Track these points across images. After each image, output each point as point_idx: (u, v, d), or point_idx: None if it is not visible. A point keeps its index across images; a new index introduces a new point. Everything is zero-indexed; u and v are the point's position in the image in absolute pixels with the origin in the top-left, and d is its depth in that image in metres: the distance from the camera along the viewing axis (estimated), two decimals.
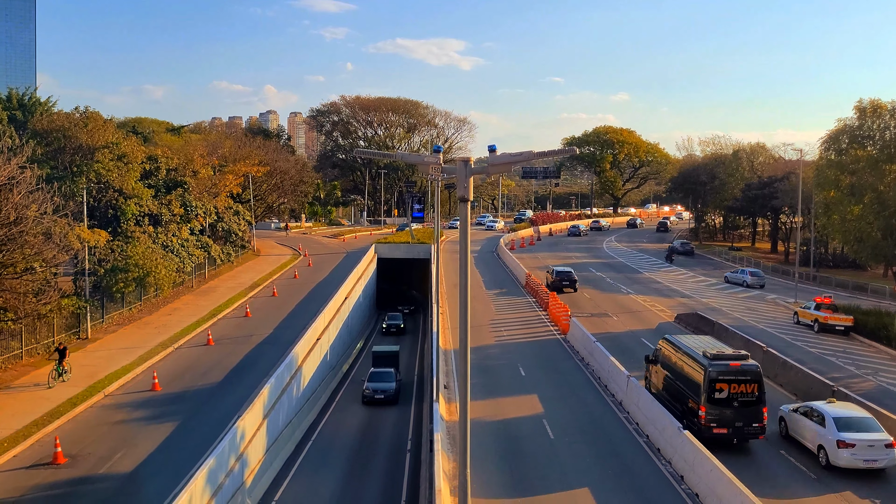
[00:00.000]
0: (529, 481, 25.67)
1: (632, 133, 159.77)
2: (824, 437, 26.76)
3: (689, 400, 29.19)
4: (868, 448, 25.88)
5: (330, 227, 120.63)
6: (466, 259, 11.38)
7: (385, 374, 40.40)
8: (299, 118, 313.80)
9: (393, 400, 39.06)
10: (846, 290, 66.03)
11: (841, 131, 67.93)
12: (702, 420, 27.94)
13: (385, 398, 38.78)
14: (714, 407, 27.83)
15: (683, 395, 29.86)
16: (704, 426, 27.83)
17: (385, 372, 40.61)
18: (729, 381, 27.88)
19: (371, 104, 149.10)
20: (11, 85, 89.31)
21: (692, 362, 29.46)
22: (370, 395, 38.72)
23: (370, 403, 38.60)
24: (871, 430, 26.56)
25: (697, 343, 31.38)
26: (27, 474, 26.25)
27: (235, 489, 24.03)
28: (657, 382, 33.34)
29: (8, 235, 33.17)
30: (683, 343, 31.52)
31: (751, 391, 27.96)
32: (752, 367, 28.38)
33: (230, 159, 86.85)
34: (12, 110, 77.01)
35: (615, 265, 79.59)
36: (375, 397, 38.69)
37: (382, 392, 38.81)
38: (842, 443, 26.02)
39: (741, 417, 27.81)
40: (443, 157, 11.85)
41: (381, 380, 39.65)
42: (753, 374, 28.14)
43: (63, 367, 35.75)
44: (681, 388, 30.27)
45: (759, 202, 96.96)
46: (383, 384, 39.23)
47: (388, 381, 39.67)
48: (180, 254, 58.84)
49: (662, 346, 33.29)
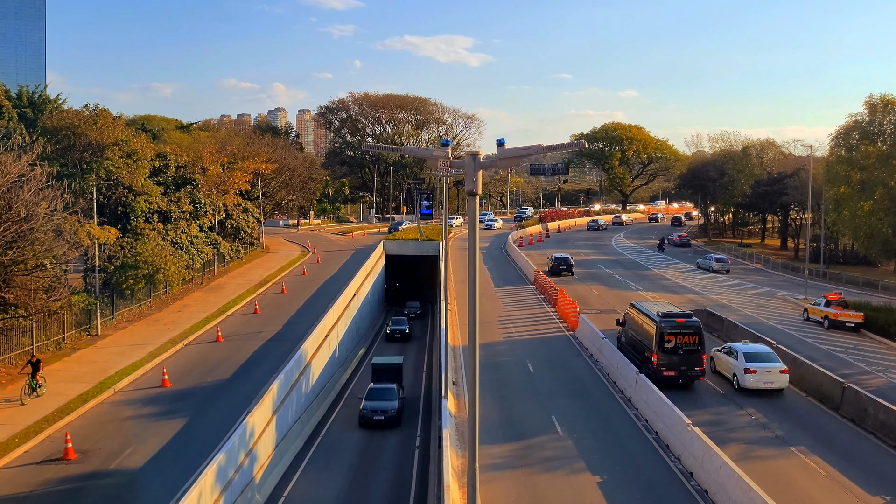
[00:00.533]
0: (536, 471, 25.67)
1: (640, 129, 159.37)
2: (736, 366, 35.19)
3: (646, 350, 35.94)
4: (767, 373, 34.45)
5: (338, 224, 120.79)
6: (475, 252, 11.38)
7: (385, 391, 35.58)
8: (308, 115, 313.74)
9: (394, 421, 34.28)
10: (856, 286, 65.71)
11: (851, 127, 67.61)
12: (654, 365, 34.68)
13: (385, 420, 34.04)
14: (664, 355, 34.62)
15: (643, 347, 36.58)
16: (656, 370, 34.52)
17: (385, 389, 35.77)
18: (675, 334, 34.70)
19: (379, 101, 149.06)
20: (21, 83, 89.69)
21: (648, 320, 36.42)
22: (368, 416, 34.02)
23: (368, 425, 33.92)
24: (771, 360, 35.10)
25: (654, 306, 38.35)
26: (38, 470, 26.39)
27: (245, 485, 24.11)
28: (625, 340, 39.80)
29: (18, 232, 33.32)
30: (643, 306, 38.45)
31: (693, 342, 34.74)
32: (694, 323, 35.27)
33: (239, 156, 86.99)
34: (22, 108, 77.34)
35: (624, 262, 79.40)
36: (374, 419, 33.92)
37: (382, 412, 34.09)
38: (748, 370, 34.44)
39: (685, 363, 34.62)
40: (451, 153, 11.87)
41: (381, 397, 35.02)
42: (695, 328, 34.95)
43: (37, 380, 32.92)
44: (641, 342, 37.05)
45: (768, 198, 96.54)
46: (383, 403, 34.61)
47: (389, 398, 35.02)
48: (189, 251, 59.02)
49: (629, 311, 39.80)
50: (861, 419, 30.98)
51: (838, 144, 69.53)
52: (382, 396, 35.13)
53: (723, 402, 33.75)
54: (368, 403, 34.67)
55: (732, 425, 30.86)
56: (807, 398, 34.43)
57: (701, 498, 24.02)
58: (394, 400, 35.05)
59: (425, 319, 64.24)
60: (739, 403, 33.37)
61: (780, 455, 27.84)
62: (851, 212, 66.36)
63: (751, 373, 34.36)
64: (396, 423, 34.31)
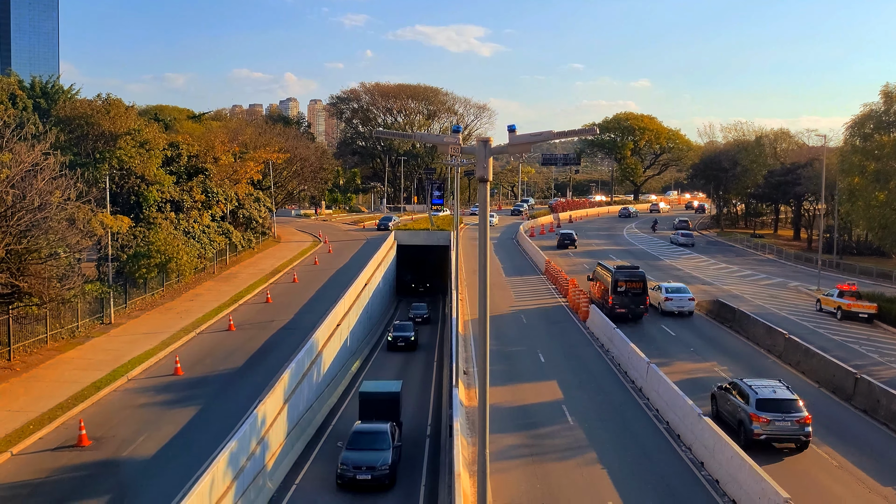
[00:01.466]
0: (546, 460, 25.71)
1: (653, 119, 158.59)
2: (661, 298, 49.04)
3: (606, 294, 46.87)
4: (680, 300, 48.62)
5: (350, 214, 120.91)
6: (486, 240, 11.37)
7: (375, 436, 26.90)
8: (319, 105, 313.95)
9: (386, 481, 25.60)
10: (870, 277, 65.29)
11: (867, 117, 66.91)
12: (610, 304, 45.76)
13: (373, 479, 25.24)
14: (617, 297, 45.84)
15: (605, 293, 47.34)
16: (612, 307, 45.52)
17: (375, 433, 27.08)
18: (625, 281, 45.93)
19: (391, 91, 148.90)
20: (35, 73, 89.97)
21: (607, 273, 47.67)
22: (349, 475, 25.28)
23: (350, 487, 25.38)
24: (684, 292, 49.55)
25: (612, 263, 51.11)
26: (52, 456, 26.63)
27: (256, 472, 24.26)
28: (594, 291, 50.75)
29: (32, 221, 33.52)
30: (605, 264, 50.78)
31: (638, 287, 45.97)
32: (640, 273, 46.90)
33: (251, 146, 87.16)
34: (36, 98, 77.65)
35: (635, 252, 79.18)
36: (358, 478, 25.17)
37: (369, 469, 25.30)
38: (667, 298, 48.62)
39: (633, 302, 45.91)
40: (462, 143, 11.85)
41: (369, 445, 26.24)
42: (640, 277, 46.32)
43: None
44: (604, 289, 47.85)
45: (781, 189, 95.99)
46: (371, 455, 25.75)
47: (379, 446, 26.26)
48: (202, 240, 59.24)
49: (597, 268, 51.70)
50: (874, 410, 30.84)
51: (853, 134, 68.86)
52: (371, 444, 26.41)
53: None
54: (350, 456, 25.76)
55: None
56: (819, 389, 34.31)
57: (712, 488, 24.00)
58: (386, 450, 26.20)
59: (434, 325, 57.48)
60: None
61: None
62: (865, 202, 65.77)
63: (668, 301, 48.56)
64: (389, 483, 25.76)
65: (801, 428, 26.64)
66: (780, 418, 26.71)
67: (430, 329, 55.23)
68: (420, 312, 58.01)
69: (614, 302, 45.52)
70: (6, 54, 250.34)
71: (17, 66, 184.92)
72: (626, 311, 45.58)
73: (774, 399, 27.33)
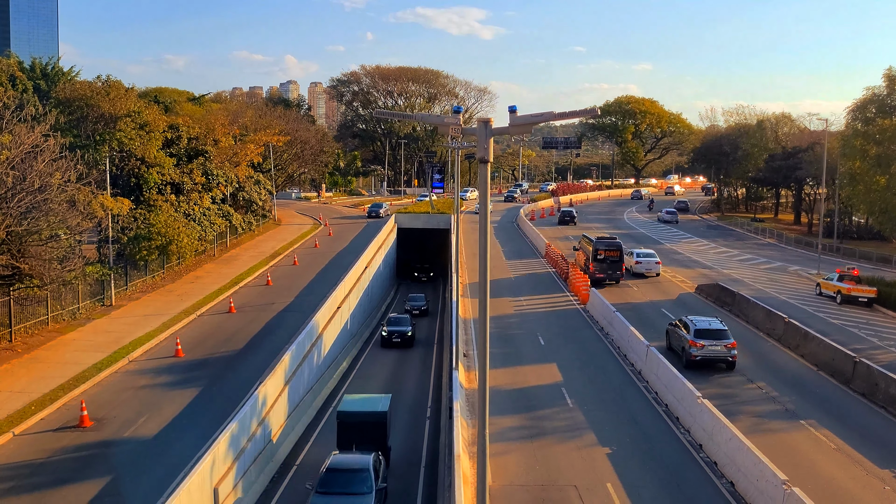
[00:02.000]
0: (546, 442, 25.85)
1: (654, 103, 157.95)
2: (632, 262, 55.84)
3: (588, 262, 53.10)
4: (649, 263, 56.25)
5: (350, 197, 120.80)
6: (486, 221, 11.38)
7: (351, 476, 21.52)
8: (319, 88, 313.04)
9: None
10: (870, 261, 65.32)
11: (869, 100, 66.60)
12: (591, 270, 51.97)
13: None
14: (597, 263, 51.97)
15: (587, 261, 53.40)
16: (592, 272, 51.66)
17: (352, 473, 21.66)
18: (604, 250, 52.08)
19: (391, 74, 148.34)
20: (34, 55, 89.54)
21: (589, 243, 54.17)
22: None
23: None
24: (651, 256, 57.14)
25: (595, 234, 57.97)
26: (54, 437, 26.78)
27: (257, 453, 24.38)
28: (579, 259, 56.61)
29: (33, 203, 33.50)
30: (588, 235, 57.38)
31: (616, 255, 52.15)
32: (617, 243, 53.27)
33: (251, 129, 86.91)
34: (36, 80, 77.31)
35: (636, 236, 79.14)
36: None
37: None
38: (637, 262, 55.60)
39: (611, 268, 52.14)
40: (462, 124, 11.82)
41: (344, 488, 21.04)
42: (617, 246, 52.62)
43: None
44: (586, 257, 53.91)
45: (782, 173, 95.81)
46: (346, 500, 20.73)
47: (357, 489, 21.10)
48: (202, 222, 59.23)
49: (581, 239, 58.34)
50: (872, 394, 30.96)
51: (854, 118, 68.57)
52: (346, 486, 21.20)
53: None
54: (319, 501, 20.87)
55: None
56: (818, 372, 34.42)
57: (710, 469, 24.14)
58: (366, 493, 21.11)
59: (434, 316, 53.76)
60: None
61: (790, 428, 27.91)
62: (866, 186, 65.60)
63: (639, 264, 55.42)
64: None
65: (729, 351, 33.84)
66: (713, 344, 33.73)
67: (428, 321, 51.54)
68: (418, 304, 53.35)
69: (595, 268, 51.94)
70: (5, 36, 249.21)
71: (16, 47, 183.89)
72: (605, 276, 52.06)
73: (709, 329, 34.39)
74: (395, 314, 48.16)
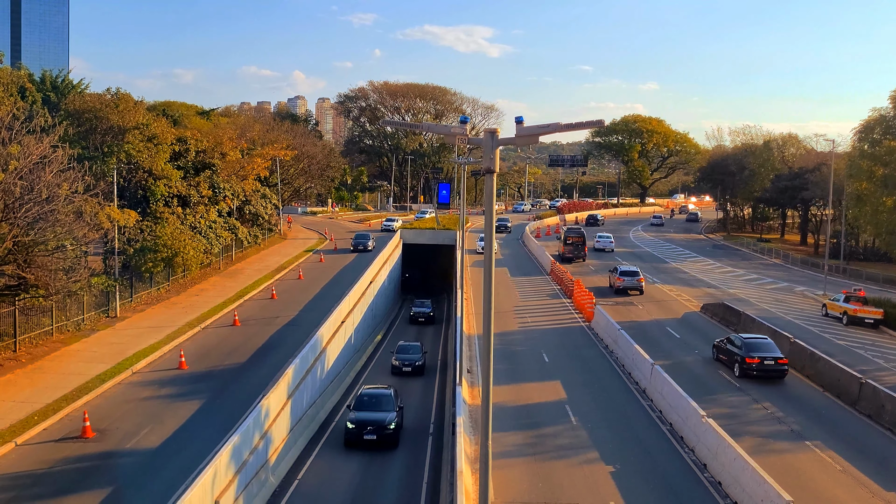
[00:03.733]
0: (549, 459, 25.69)
1: (661, 122, 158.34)
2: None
3: (560, 245, 72.49)
4: (604, 242, 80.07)
5: (356, 213, 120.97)
6: (491, 231, 11.37)
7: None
8: (327, 104, 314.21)
9: None
10: (876, 283, 65.05)
11: (875, 122, 66.77)
12: (563, 251, 70.90)
13: None
14: (567, 246, 71.13)
15: (561, 245, 72.75)
16: (563, 253, 70.76)
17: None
18: (572, 236, 71.96)
19: (399, 90, 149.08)
20: (45, 67, 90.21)
21: (563, 232, 74.81)
22: None
23: None
24: (608, 238, 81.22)
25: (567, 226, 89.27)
26: (56, 447, 26.72)
27: (259, 466, 24.28)
28: (560, 248, 72.54)
29: (40, 213, 33.62)
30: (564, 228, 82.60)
31: (579, 240, 71.30)
32: (580, 230, 75.26)
33: (258, 143, 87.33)
34: (45, 92, 77.79)
35: (641, 255, 79.10)
36: None
37: None
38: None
39: (576, 250, 71.07)
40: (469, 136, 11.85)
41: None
42: (580, 233, 72.95)
43: None
44: (561, 244, 72.66)
45: (789, 193, 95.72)
46: None
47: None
48: (208, 235, 59.36)
49: (561, 233, 78.77)
50: (878, 415, 30.72)
51: (861, 139, 68.72)
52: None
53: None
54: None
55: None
56: (823, 393, 34.20)
57: (714, 490, 23.95)
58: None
59: (439, 325, 54.75)
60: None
61: (795, 449, 27.70)
62: (873, 207, 65.63)
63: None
64: None
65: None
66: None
67: (433, 335, 51.60)
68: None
69: (565, 250, 71.33)
70: (17, 49, 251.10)
71: (27, 60, 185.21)
72: (573, 256, 71.13)
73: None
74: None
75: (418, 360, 40.57)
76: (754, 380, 35.20)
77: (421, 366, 40.55)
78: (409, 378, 39.75)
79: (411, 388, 37.65)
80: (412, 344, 42.55)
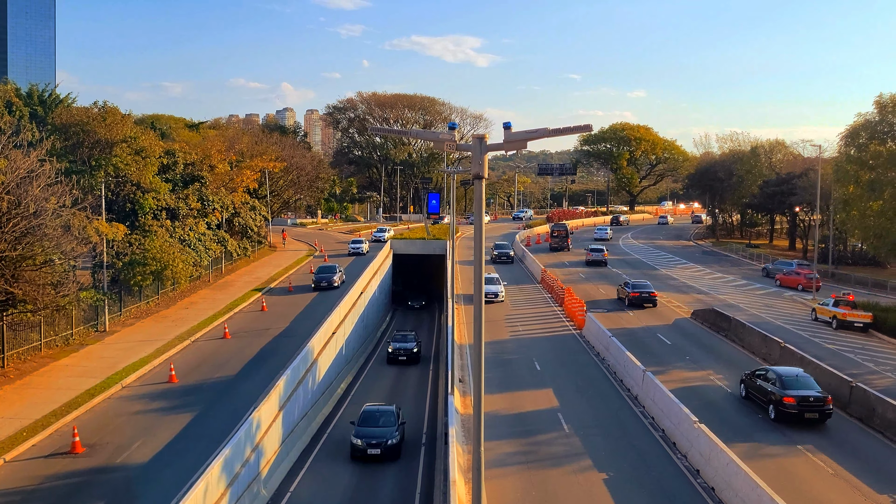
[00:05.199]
0: (542, 468, 25.64)
1: (649, 130, 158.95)
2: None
3: (548, 237, 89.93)
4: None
5: (346, 224, 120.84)
6: (481, 238, 11.37)
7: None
8: (316, 115, 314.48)
9: None
10: (865, 287, 65.40)
11: (861, 126, 67.21)
12: (549, 242, 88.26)
13: None
14: (554, 239, 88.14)
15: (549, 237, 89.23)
16: (550, 243, 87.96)
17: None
18: (558, 230, 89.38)
19: (387, 101, 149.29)
20: (32, 81, 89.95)
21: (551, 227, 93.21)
22: None
23: None
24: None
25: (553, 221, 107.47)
26: (46, 463, 26.49)
27: (251, 479, 24.15)
28: (548, 239, 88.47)
29: (27, 228, 33.47)
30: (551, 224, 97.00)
31: (564, 234, 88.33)
32: (564, 225, 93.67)
33: (247, 155, 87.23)
34: (32, 106, 77.54)
35: (631, 261, 79.29)
36: None
37: None
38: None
39: (561, 242, 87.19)
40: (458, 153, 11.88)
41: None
42: (565, 228, 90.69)
43: None
44: (549, 237, 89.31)
45: (777, 199, 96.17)
46: None
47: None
48: (197, 248, 59.14)
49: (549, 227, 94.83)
50: (869, 418, 30.85)
51: (847, 144, 69.13)
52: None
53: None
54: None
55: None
56: None
57: (707, 495, 23.96)
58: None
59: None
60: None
61: (787, 453, 27.76)
62: (860, 211, 65.97)
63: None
64: None
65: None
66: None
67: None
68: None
69: (552, 241, 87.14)
70: (2, 63, 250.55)
71: (13, 75, 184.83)
72: (558, 246, 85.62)
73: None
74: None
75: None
76: None
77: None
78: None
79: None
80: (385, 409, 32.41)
